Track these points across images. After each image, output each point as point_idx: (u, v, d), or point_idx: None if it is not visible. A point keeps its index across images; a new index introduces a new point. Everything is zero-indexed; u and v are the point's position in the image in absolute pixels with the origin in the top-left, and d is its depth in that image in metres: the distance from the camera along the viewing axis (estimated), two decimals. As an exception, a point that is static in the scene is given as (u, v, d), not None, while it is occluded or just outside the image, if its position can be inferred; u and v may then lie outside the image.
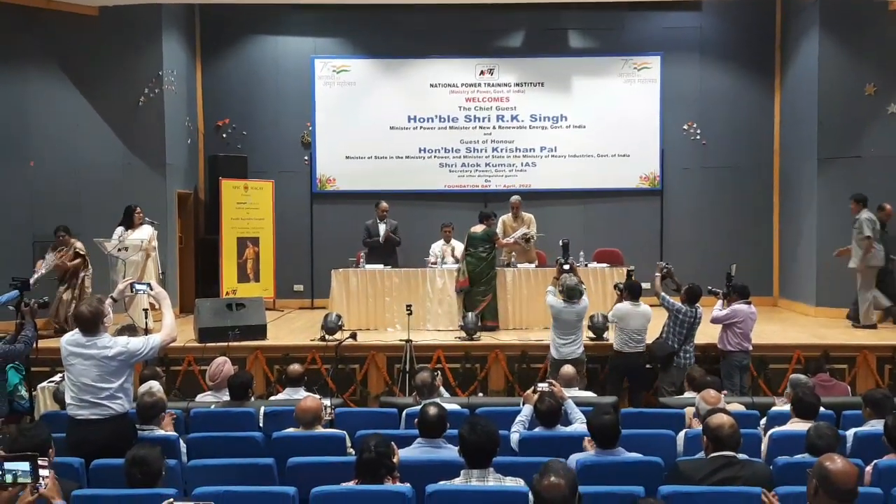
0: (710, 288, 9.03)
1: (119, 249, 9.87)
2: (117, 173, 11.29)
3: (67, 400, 5.06)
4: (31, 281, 7.62)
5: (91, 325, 5.01)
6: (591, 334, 9.28)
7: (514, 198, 11.26)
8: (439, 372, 7.34)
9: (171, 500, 3.51)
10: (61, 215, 10.42)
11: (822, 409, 5.73)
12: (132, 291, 5.98)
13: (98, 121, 11.21)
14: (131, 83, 11.45)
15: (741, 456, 4.30)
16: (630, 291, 8.63)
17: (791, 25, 12.74)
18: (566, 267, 8.84)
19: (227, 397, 6.57)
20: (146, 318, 9.22)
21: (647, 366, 8.55)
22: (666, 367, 8.36)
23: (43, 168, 10.72)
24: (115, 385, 4.98)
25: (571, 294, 8.32)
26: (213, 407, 6.40)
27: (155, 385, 6.30)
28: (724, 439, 4.22)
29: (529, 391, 5.89)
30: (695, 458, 4.44)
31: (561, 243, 9.66)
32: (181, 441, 5.34)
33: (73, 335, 5.07)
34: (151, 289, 5.70)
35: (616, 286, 9.43)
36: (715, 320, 8.56)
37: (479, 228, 10.32)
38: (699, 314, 8.41)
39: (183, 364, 9.03)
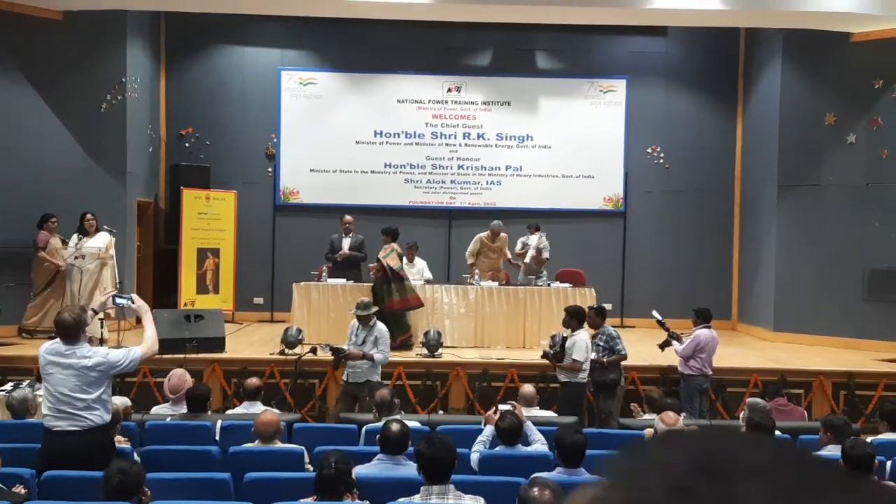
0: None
1: (76, 257, 9.70)
2: (77, 180, 11.10)
3: (44, 410, 4.95)
4: None
5: (73, 333, 4.90)
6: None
7: (500, 224, 11.28)
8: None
9: None
10: (18, 220, 10.21)
11: (778, 433, 5.78)
12: (113, 304, 5.84)
13: (59, 126, 11.04)
14: (94, 89, 11.29)
15: None
16: (577, 318, 8.20)
17: (754, 54, 12.96)
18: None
19: (183, 410, 6.46)
20: (101, 328, 9.04)
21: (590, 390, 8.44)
22: (610, 392, 8.26)
23: (1, 172, 10.51)
24: (93, 396, 4.87)
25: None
26: (168, 420, 6.28)
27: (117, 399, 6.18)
28: None
29: (490, 412, 5.86)
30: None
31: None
32: (135, 454, 5.23)
33: (53, 344, 4.96)
34: (133, 302, 5.56)
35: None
36: (684, 356, 8.39)
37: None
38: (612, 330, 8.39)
39: (138, 375, 8.87)
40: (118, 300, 5.73)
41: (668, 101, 13.46)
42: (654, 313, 8.75)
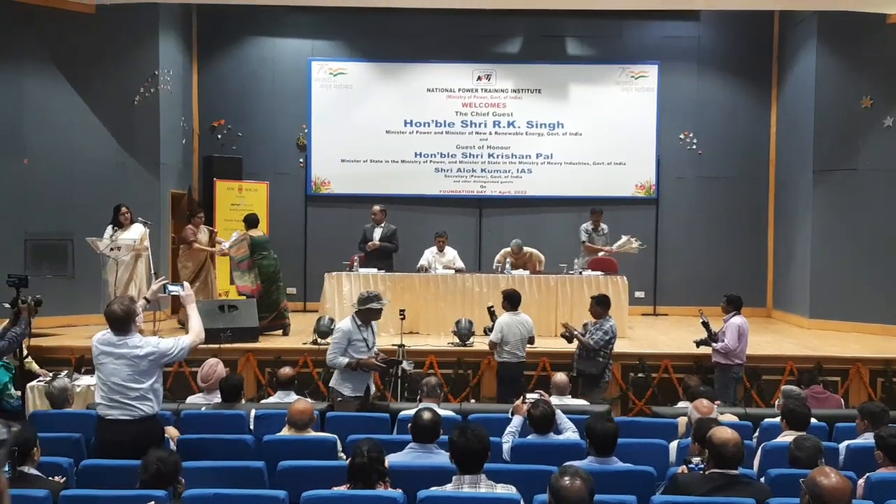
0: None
1: (111, 249, 9.81)
2: (111, 172, 11.24)
3: (97, 399, 5.03)
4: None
5: (123, 323, 4.97)
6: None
7: (518, 243, 11.13)
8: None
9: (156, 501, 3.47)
10: (54, 213, 10.37)
11: (814, 420, 5.71)
12: (165, 293, 5.88)
13: (93, 119, 11.17)
14: (127, 82, 11.41)
15: (744, 471, 4.23)
16: (510, 301, 8.42)
17: (788, 37, 12.76)
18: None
19: (217, 399, 6.52)
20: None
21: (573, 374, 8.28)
22: (595, 384, 8.15)
23: (37, 165, 10.66)
24: (146, 385, 4.94)
25: None
26: (203, 409, 6.35)
27: None
28: (728, 457, 4.14)
29: (519, 402, 5.84)
30: (695, 475, 4.40)
31: None
32: (171, 442, 5.30)
33: (105, 334, 5.03)
34: (184, 290, 5.61)
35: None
36: (733, 349, 8.27)
37: (257, 233, 10.33)
38: (609, 326, 8.24)
39: (173, 365, 8.97)
40: (170, 288, 5.77)
41: (700, 87, 13.31)
42: (703, 317, 8.46)
